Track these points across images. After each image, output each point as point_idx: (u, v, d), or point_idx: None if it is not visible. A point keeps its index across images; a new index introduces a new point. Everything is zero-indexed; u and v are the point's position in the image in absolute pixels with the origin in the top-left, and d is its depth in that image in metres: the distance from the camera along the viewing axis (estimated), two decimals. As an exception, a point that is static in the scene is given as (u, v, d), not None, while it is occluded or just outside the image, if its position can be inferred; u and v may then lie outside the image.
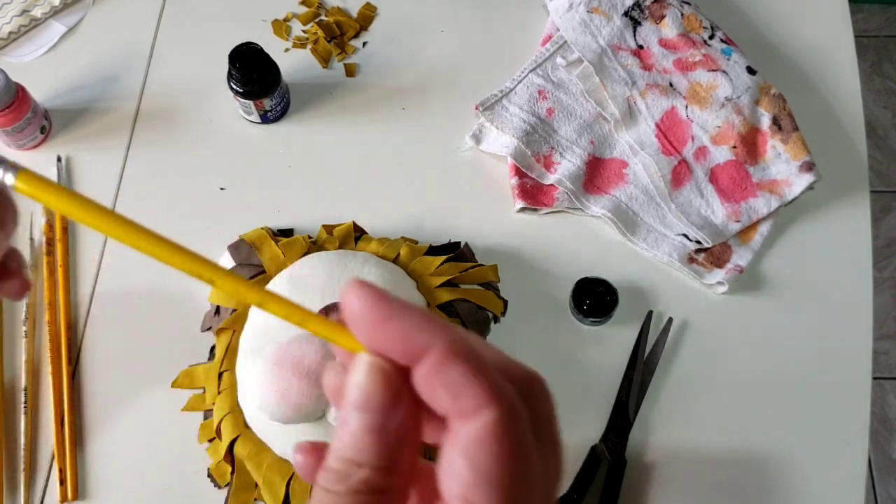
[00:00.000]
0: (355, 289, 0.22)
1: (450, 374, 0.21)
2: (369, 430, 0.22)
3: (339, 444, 0.22)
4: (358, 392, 0.22)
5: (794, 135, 0.70)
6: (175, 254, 0.23)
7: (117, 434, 0.63)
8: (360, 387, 0.22)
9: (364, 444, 0.22)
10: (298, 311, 0.23)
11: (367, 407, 0.22)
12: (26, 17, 0.79)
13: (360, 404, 0.22)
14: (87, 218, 0.24)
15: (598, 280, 0.65)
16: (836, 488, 0.61)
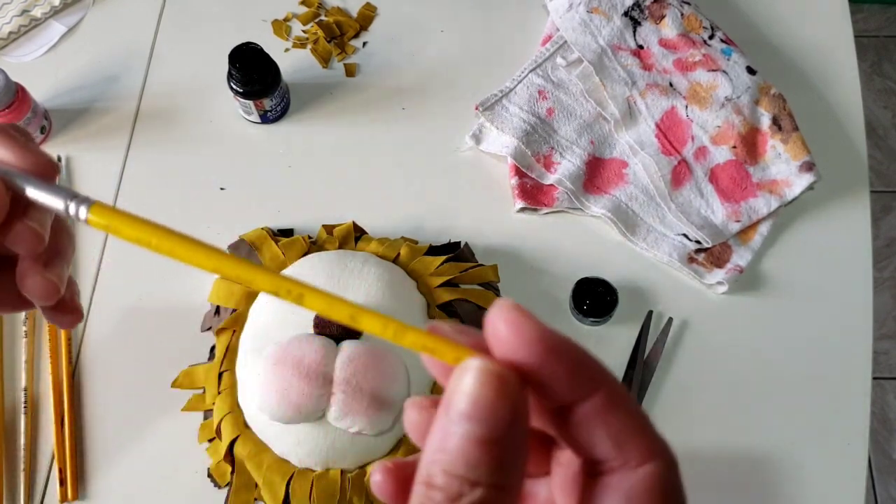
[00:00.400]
0: (513, 313, 0.20)
1: (618, 419, 0.20)
2: (484, 443, 0.19)
3: (447, 458, 0.19)
4: (468, 401, 0.19)
5: (794, 135, 0.70)
6: (258, 274, 0.23)
7: (117, 434, 0.63)
8: (470, 395, 0.19)
9: (478, 458, 0.19)
10: (392, 324, 0.22)
11: (480, 417, 0.19)
12: (26, 17, 0.79)
13: (470, 414, 0.19)
14: (168, 246, 0.24)
15: (598, 280, 0.65)
16: (836, 488, 0.61)
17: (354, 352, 0.53)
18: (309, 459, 0.56)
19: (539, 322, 0.21)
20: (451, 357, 0.21)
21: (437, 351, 0.21)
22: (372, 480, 0.23)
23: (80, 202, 0.25)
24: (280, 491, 0.56)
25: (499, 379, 0.20)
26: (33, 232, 0.30)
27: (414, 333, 0.21)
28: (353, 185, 0.72)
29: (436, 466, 0.19)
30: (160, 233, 0.24)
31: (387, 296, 0.58)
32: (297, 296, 0.22)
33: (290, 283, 0.23)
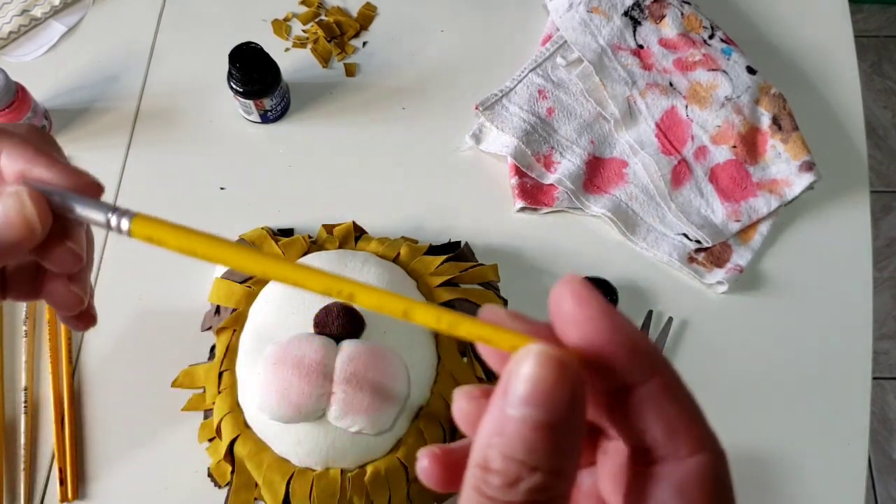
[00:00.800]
0: (580, 287, 0.20)
1: (672, 406, 0.21)
2: (543, 428, 0.19)
3: (505, 442, 0.19)
4: (529, 385, 0.19)
5: (794, 134, 0.70)
6: (309, 275, 0.23)
7: (117, 434, 0.63)
8: (531, 379, 0.19)
9: (537, 443, 0.19)
10: (446, 316, 0.21)
11: (540, 402, 0.19)
12: (26, 16, 0.79)
13: (531, 398, 0.19)
14: (215, 253, 0.23)
15: (598, 280, 0.65)
16: (836, 488, 0.61)
17: (355, 351, 0.53)
18: (309, 459, 0.56)
19: (603, 298, 0.21)
20: (507, 345, 0.21)
21: (493, 340, 0.21)
22: (419, 466, 0.23)
23: (121, 214, 0.25)
24: (280, 490, 0.56)
25: (559, 363, 0.20)
26: (73, 253, 0.30)
27: (468, 323, 0.21)
28: (353, 185, 0.72)
29: (493, 450, 0.19)
30: (205, 240, 0.24)
31: (387, 296, 0.58)
32: (349, 295, 0.22)
33: (341, 283, 0.23)
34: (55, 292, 0.31)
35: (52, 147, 0.32)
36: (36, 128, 0.32)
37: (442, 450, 0.23)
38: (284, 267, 0.23)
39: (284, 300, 0.58)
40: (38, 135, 0.31)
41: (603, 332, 0.20)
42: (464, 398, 0.23)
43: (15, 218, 0.26)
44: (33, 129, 0.32)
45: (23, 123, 0.32)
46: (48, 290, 0.31)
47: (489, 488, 0.19)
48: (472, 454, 0.20)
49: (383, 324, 0.57)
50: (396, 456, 0.57)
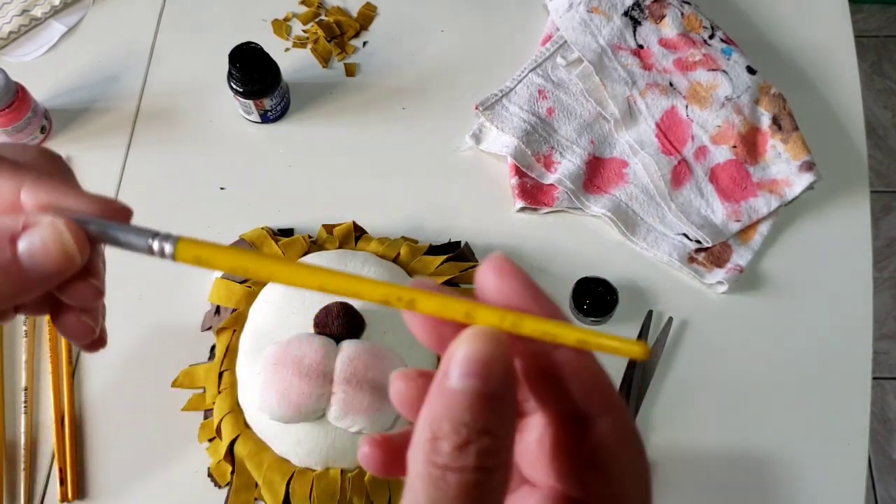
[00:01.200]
0: (502, 262, 0.23)
1: (591, 368, 0.23)
2: (486, 397, 0.21)
3: (452, 412, 0.21)
4: (470, 360, 0.21)
5: (794, 134, 0.70)
6: (365, 285, 0.23)
7: (117, 434, 0.63)
8: (472, 355, 0.21)
9: (482, 410, 0.21)
10: (509, 316, 0.22)
11: (482, 374, 0.21)
12: (26, 16, 0.79)
13: (473, 372, 0.21)
14: (267, 270, 0.23)
15: (598, 280, 0.65)
16: (836, 488, 0.61)
17: (354, 351, 0.53)
18: (309, 459, 0.56)
19: (522, 271, 0.23)
20: (572, 339, 0.22)
21: (558, 335, 0.22)
22: (360, 452, 0.24)
23: (163, 239, 0.25)
24: (280, 490, 0.56)
25: (495, 337, 0.22)
26: (95, 289, 0.29)
27: (532, 321, 0.22)
28: (353, 185, 0.72)
29: (442, 422, 0.21)
30: (254, 258, 0.23)
31: (387, 296, 0.58)
32: (409, 302, 0.22)
33: (399, 291, 0.23)
34: (66, 323, 0.30)
35: (68, 172, 0.31)
36: (47, 151, 0.31)
37: (382, 437, 0.24)
38: (341, 279, 0.23)
39: (284, 300, 0.58)
40: (51, 160, 0.30)
41: (523, 301, 0.22)
42: (400, 379, 0.24)
43: (54, 249, 0.26)
44: (45, 153, 0.31)
45: (32, 146, 0.31)
46: (59, 320, 0.30)
47: (440, 456, 0.20)
48: (418, 432, 0.21)
49: (383, 324, 0.57)
50: (396, 456, 0.57)
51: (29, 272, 0.26)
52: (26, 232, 0.26)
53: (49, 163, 0.30)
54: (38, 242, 0.26)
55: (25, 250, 0.26)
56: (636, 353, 0.22)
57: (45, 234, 0.26)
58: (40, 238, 0.26)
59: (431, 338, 0.24)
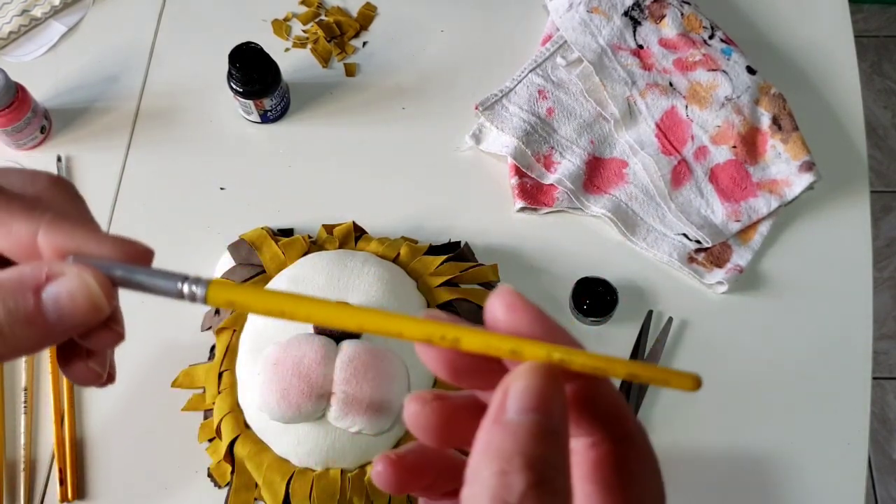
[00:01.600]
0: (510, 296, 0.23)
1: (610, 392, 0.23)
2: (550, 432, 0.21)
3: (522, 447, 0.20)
4: (538, 395, 0.21)
5: (794, 135, 0.70)
6: (407, 323, 0.23)
7: (117, 433, 0.63)
8: (534, 391, 0.21)
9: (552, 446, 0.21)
10: (557, 351, 0.22)
11: (543, 409, 0.21)
12: (26, 16, 0.79)
13: (540, 407, 0.21)
14: (305, 311, 0.23)
15: (598, 280, 0.65)
16: (836, 488, 0.61)
17: (354, 351, 0.53)
18: (309, 459, 0.56)
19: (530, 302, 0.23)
20: (623, 373, 0.22)
21: (608, 370, 0.22)
22: (374, 471, 0.24)
23: (194, 283, 0.24)
24: (280, 491, 0.56)
25: (552, 372, 0.22)
26: (117, 335, 0.28)
27: (581, 356, 0.22)
28: (353, 185, 0.72)
29: (514, 456, 0.20)
30: (290, 300, 0.23)
31: (387, 295, 0.58)
32: (453, 340, 0.22)
33: (443, 329, 0.22)
34: (74, 370, 0.29)
35: (81, 204, 0.30)
36: (59, 180, 0.29)
37: (397, 455, 0.24)
38: (380, 318, 0.23)
39: (284, 300, 0.58)
40: (63, 190, 0.29)
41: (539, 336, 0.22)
42: (417, 402, 0.24)
43: (81, 302, 0.25)
44: (57, 182, 0.29)
45: (43, 174, 0.29)
46: (66, 365, 0.29)
47: (512, 493, 0.20)
48: (479, 466, 0.20)
49: (383, 324, 0.57)
50: (396, 456, 0.56)
51: (54, 324, 0.25)
52: (51, 283, 0.25)
53: (61, 194, 0.29)
54: (64, 294, 0.25)
55: (51, 302, 0.25)
56: (688, 385, 0.22)
57: (72, 286, 0.25)
58: (67, 290, 0.25)
59: (447, 370, 0.23)
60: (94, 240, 0.26)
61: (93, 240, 0.26)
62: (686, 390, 0.22)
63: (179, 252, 0.69)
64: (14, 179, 0.28)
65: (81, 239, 0.26)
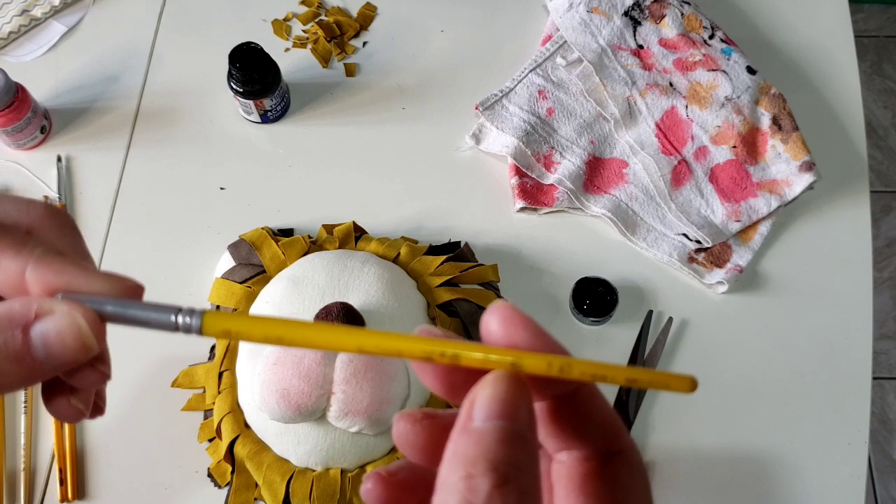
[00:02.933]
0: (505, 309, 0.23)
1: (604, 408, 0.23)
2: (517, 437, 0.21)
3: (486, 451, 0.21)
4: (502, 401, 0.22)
5: (794, 135, 0.70)
6: (406, 342, 0.23)
7: (117, 433, 0.63)
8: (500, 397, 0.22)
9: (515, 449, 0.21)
10: (557, 361, 0.22)
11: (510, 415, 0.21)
12: (26, 16, 0.79)
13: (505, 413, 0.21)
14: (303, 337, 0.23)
15: (598, 280, 0.65)
16: (836, 488, 0.61)
17: (354, 352, 0.53)
18: (309, 459, 0.56)
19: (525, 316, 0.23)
20: (622, 378, 0.23)
21: (608, 376, 0.22)
22: (363, 489, 0.24)
23: (188, 314, 0.24)
24: (280, 490, 0.56)
25: (517, 380, 0.22)
26: (102, 375, 0.28)
27: (580, 364, 0.22)
28: (353, 185, 0.72)
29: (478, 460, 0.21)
30: (287, 326, 0.23)
31: (387, 295, 0.58)
32: (452, 356, 0.22)
33: (442, 346, 0.23)
34: (57, 406, 0.29)
35: (76, 236, 0.29)
36: (53, 210, 0.29)
37: (387, 472, 0.24)
38: (379, 338, 0.23)
39: (284, 300, 0.58)
40: (58, 221, 0.29)
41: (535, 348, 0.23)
42: (405, 420, 0.24)
43: (70, 341, 0.24)
44: (51, 212, 0.28)
45: (38, 203, 0.29)
46: (50, 401, 0.29)
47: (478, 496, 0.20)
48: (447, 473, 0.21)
49: (382, 324, 0.57)
50: (396, 456, 0.57)
51: (42, 362, 0.25)
52: (40, 321, 0.24)
53: (56, 226, 0.28)
54: (53, 333, 0.24)
55: (40, 340, 0.24)
56: (685, 387, 0.22)
57: (60, 325, 0.24)
58: (56, 328, 0.24)
59: (443, 386, 0.24)
60: (84, 276, 0.25)
61: (83, 276, 0.25)
62: (683, 392, 0.23)
63: (179, 252, 0.69)
64: (9, 208, 0.27)
65: (71, 275, 0.25)
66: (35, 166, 0.73)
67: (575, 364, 0.22)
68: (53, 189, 0.72)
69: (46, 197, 0.71)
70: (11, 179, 0.73)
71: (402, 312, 0.58)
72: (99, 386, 0.29)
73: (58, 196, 0.71)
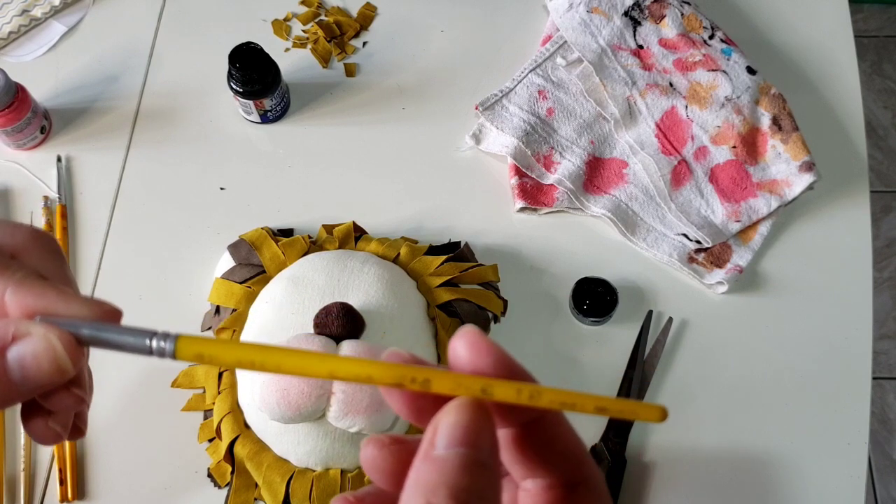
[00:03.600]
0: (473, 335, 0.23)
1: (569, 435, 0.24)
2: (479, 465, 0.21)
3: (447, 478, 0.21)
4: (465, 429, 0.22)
5: (794, 135, 0.70)
6: (377, 368, 0.23)
7: (117, 433, 0.63)
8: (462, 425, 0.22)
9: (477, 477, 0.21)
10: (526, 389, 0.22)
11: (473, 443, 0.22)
12: (26, 16, 0.79)
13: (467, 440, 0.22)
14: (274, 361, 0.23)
15: (598, 280, 0.65)
16: (836, 488, 0.61)
17: (354, 351, 0.53)
18: (309, 459, 0.56)
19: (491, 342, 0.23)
20: (591, 407, 0.22)
21: (577, 404, 0.23)
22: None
23: (162, 338, 0.24)
24: (280, 491, 0.56)
25: (480, 407, 0.22)
26: (77, 399, 0.28)
27: (550, 392, 0.22)
28: (353, 185, 0.72)
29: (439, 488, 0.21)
30: (259, 350, 0.23)
31: (387, 296, 0.58)
32: (423, 382, 0.23)
33: (413, 372, 0.23)
34: (34, 427, 0.29)
35: (59, 260, 0.29)
36: (39, 234, 0.29)
37: (355, 497, 0.25)
38: (351, 364, 0.23)
39: (284, 300, 0.58)
40: (42, 245, 0.29)
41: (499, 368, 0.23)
42: (373, 445, 0.24)
43: (46, 363, 0.25)
44: (36, 236, 0.29)
45: (24, 227, 0.29)
46: (27, 422, 0.29)
47: None
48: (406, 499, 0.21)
49: (383, 325, 0.57)
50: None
51: (18, 384, 0.25)
52: (16, 343, 0.25)
53: (40, 249, 0.29)
54: (29, 356, 0.25)
55: (15, 362, 0.25)
56: (654, 417, 0.23)
57: (36, 347, 0.25)
58: (31, 351, 0.25)
59: (410, 411, 0.24)
60: (64, 300, 0.26)
61: (62, 300, 0.26)
62: (653, 421, 0.23)
63: (179, 252, 0.69)
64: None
65: (50, 299, 0.26)
66: (35, 166, 0.73)
67: (544, 392, 0.22)
68: (53, 189, 0.72)
69: (46, 197, 0.71)
70: (11, 179, 0.73)
71: (402, 312, 0.58)
72: (76, 409, 0.29)
73: (58, 196, 0.71)
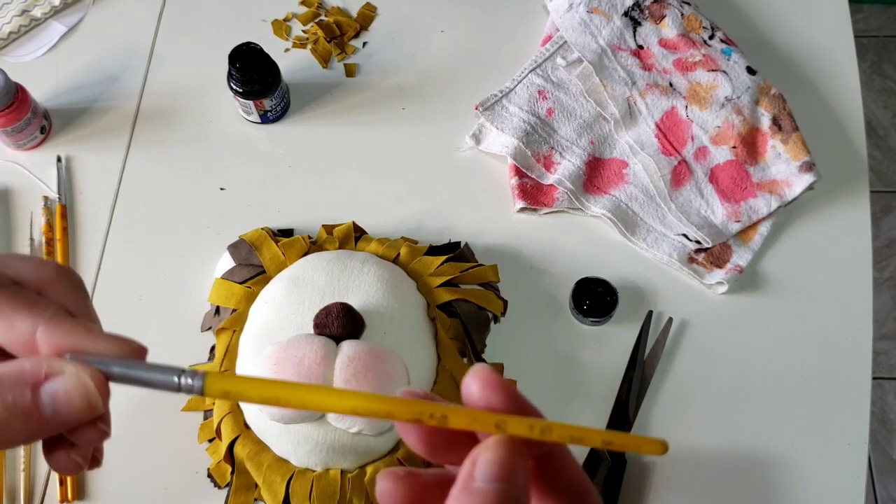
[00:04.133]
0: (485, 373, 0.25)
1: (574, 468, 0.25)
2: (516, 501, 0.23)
3: None
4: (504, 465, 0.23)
5: (794, 135, 0.70)
6: (396, 405, 0.24)
7: (117, 433, 0.63)
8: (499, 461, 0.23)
9: None
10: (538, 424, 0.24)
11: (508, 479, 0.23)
12: (26, 17, 0.79)
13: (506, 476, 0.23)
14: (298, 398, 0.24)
15: (598, 280, 0.65)
16: (836, 488, 0.61)
17: (354, 352, 0.53)
18: (309, 459, 0.56)
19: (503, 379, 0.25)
20: (598, 441, 0.24)
21: (584, 438, 0.24)
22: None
23: (190, 376, 0.25)
24: (280, 491, 0.56)
25: (517, 445, 0.24)
26: (102, 433, 0.29)
27: (560, 428, 0.24)
28: (354, 185, 0.72)
29: None
30: (285, 388, 0.24)
31: (387, 296, 0.58)
32: (441, 418, 0.24)
33: (431, 408, 0.24)
34: (56, 459, 0.30)
35: (84, 296, 0.31)
36: (64, 270, 0.30)
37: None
38: (372, 400, 0.24)
39: (284, 301, 0.58)
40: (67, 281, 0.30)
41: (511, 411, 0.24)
42: (389, 479, 0.25)
43: (77, 401, 0.26)
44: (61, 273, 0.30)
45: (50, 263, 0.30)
46: (50, 453, 0.30)
47: None
48: None
49: (383, 325, 0.57)
50: (396, 457, 0.57)
51: (49, 420, 0.26)
52: (49, 380, 0.26)
53: (65, 285, 0.30)
54: (62, 393, 0.26)
55: (48, 399, 0.26)
56: (656, 451, 0.24)
57: (69, 385, 0.26)
58: (64, 389, 0.26)
59: (425, 446, 0.25)
60: (92, 337, 0.27)
61: (90, 337, 0.27)
62: (655, 455, 0.24)
63: (179, 252, 0.69)
64: (21, 267, 0.29)
65: (79, 336, 0.27)
66: (35, 166, 0.73)
67: (555, 427, 0.24)
68: (53, 189, 0.72)
69: (46, 197, 0.71)
70: (11, 180, 0.73)
71: (402, 313, 0.58)
72: (99, 442, 0.30)
73: (58, 196, 0.71)
